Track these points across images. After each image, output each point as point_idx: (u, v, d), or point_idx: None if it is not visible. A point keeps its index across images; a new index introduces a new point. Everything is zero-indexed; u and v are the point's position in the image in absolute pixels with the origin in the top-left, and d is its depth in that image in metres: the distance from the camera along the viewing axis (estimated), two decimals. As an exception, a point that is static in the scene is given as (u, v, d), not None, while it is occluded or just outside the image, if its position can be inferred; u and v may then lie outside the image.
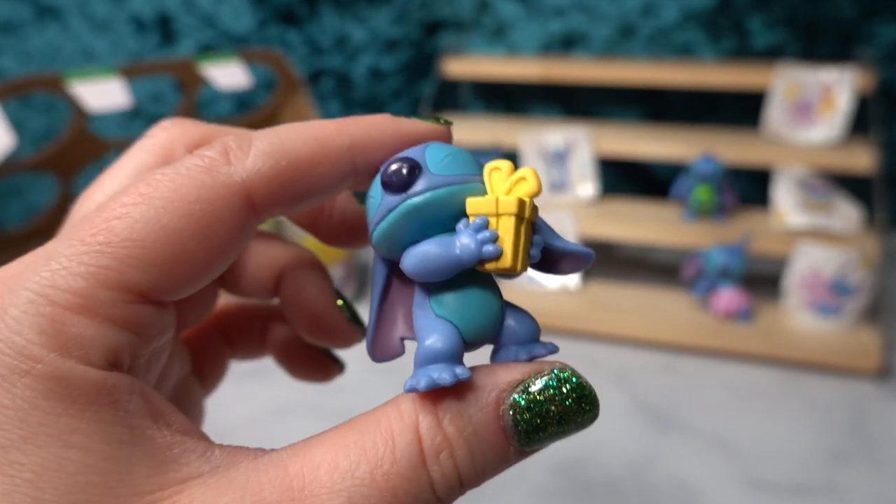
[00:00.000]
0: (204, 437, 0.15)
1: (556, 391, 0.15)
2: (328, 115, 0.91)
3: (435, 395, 0.15)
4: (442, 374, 0.14)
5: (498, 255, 0.15)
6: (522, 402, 0.15)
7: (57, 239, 0.15)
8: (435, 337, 0.15)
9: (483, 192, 0.16)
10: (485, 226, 0.15)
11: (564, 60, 0.83)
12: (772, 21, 0.80)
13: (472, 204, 0.15)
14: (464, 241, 0.15)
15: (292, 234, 0.78)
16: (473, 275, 0.16)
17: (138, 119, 0.91)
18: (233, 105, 0.90)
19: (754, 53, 0.81)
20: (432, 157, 0.16)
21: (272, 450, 0.15)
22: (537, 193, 0.15)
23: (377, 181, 0.16)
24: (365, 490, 0.14)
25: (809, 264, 0.61)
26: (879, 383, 0.58)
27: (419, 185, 0.15)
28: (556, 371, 0.15)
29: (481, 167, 0.16)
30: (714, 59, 0.82)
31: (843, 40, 0.79)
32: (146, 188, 0.15)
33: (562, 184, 0.75)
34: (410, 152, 0.16)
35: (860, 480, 0.48)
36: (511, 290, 0.69)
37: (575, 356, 0.65)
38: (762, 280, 0.69)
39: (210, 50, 0.88)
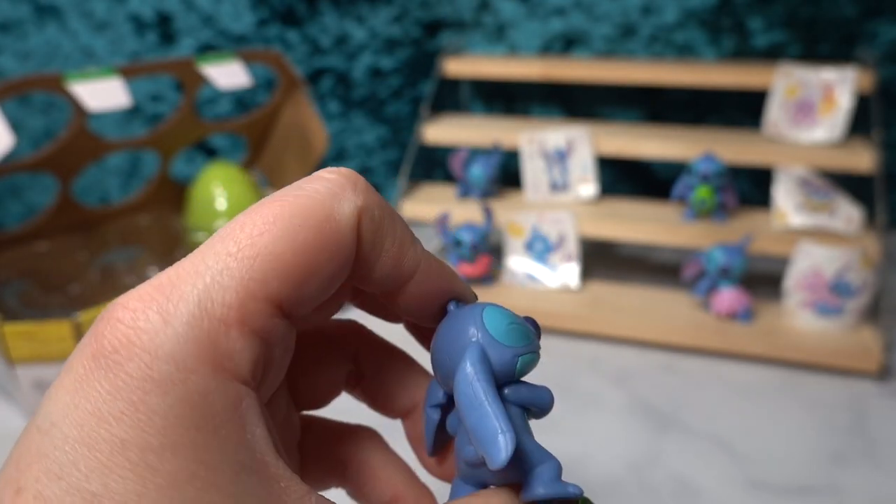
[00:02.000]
0: (300, 481, 0.16)
1: None
2: (328, 114, 0.91)
3: None
4: (577, 488, 0.18)
5: None
6: None
7: (199, 252, 0.15)
8: (557, 459, 0.18)
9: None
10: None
11: (564, 60, 0.83)
12: (772, 21, 0.80)
13: None
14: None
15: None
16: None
17: (138, 119, 0.90)
18: (232, 105, 0.90)
19: (755, 53, 0.81)
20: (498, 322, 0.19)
21: None
22: None
23: (505, 317, 0.18)
24: None
25: (810, 264, 0.61)
26: (880, 383, 0.58)
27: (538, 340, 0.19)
28: (585, 501, 0.19)
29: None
30: (714, 58, 0.82)
31: (843, 40, 0.79)
32: (280, 208, 0.16)
33: (562, 184, 0.74)
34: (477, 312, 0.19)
35: (861, 480, 0.47)
36: (511, 289, 0.69)
37: (575, 356, 0.65)
38: (762, 280, 0.69)
39: (210, 49, 0.88)
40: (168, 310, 0.14)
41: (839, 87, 0.68)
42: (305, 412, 0.22)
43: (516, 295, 0.68)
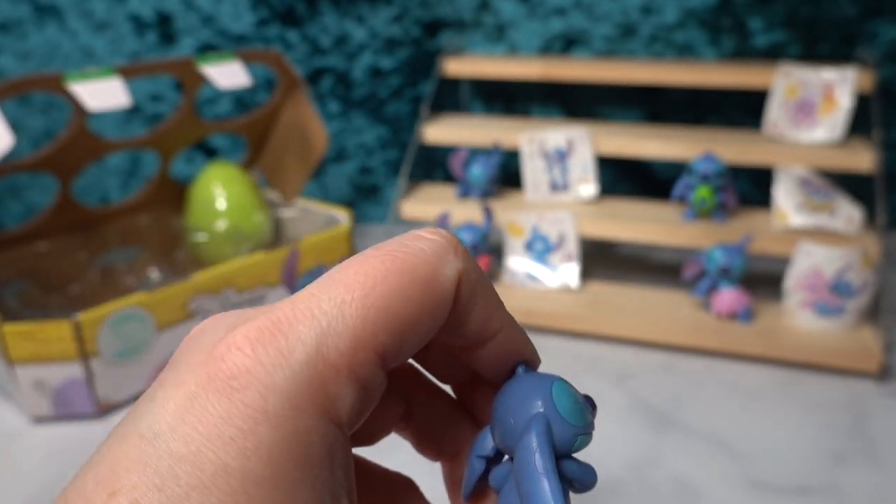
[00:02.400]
0: None
1: None
2: (328, 114, 0.91)
3: None
4: None
5: None
6: None
7: (314, 294, 0.16)
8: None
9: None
10: None
11: (564, 60, 0.83)
12: (772, 21, 0.80)
13: None
14: None
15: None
16: None
17: (138, 119, 0.90)
18: (232, 104, 0.90)
19: (755, 53, 0.81)
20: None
21: None
22: None
23: (570, 393, 0.19)
24: None
25: (810, 264, 0.61)
26: (880, 383, 0.58)
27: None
28: None
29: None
30: (715, 58, 0.82)
31: (843, 40, 0.79)
32: (392, 263, 0.17)
33: (562, 184, 0.74)
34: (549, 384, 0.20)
35: (861, 481, 0.47)
36: (511, 289, 0.69)
37: (575, 356, 0.65)
38: (763, 280, 0.69)
39: (210, 49, 0.88)
40: (288, 348, 0.15)
41: (839, 87, 0.68)
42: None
43: (516, 295, 0.68)
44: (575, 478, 0.19)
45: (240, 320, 0.16)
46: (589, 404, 0.20)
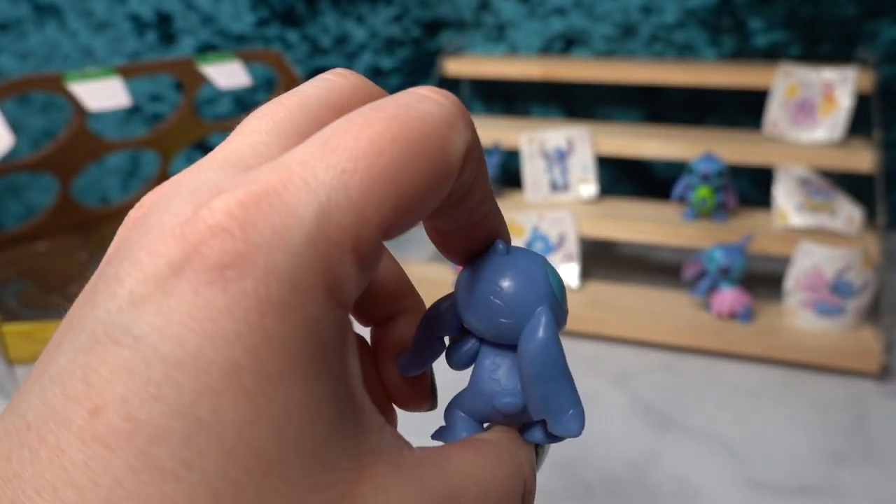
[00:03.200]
0: (377, 411, 0.15)
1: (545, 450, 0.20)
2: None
3: (527, 447, 0.18)
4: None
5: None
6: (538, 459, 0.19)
7: (304, 160, 0.14)
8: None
9: None
10: None
11: (564, 60, 0.83)
12: (772, 21, 0.80)
13: None
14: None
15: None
16: None
17: (138, 119, 0.90)
18: (232, 105, 0.90)
19: (755, 53, 0.81)
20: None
21: (416, 447, 0.15)
22: None
23: (562, 280, 0.18)
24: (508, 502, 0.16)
25: (810, 264, 0.61)
26: (880, 383, 0.58)
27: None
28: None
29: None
30: (715, 58, 0.82)
31: (843, 40, 0.79)
32: (399, 130, 0.14)
33: (562, 184, 0.74)
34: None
35: (861, 481, 0.47)
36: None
37: (575, 356, 0.65)
38: (763, 280, 0.69)
39: (209, 49, 0.88)
40: (285, 226, 0.13)
41: (839, 87, 0.68)
42: None
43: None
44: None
45: (208, 193, 0.13)
46: None
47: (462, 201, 0.17)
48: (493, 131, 0.77)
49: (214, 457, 0.12)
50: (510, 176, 0.82)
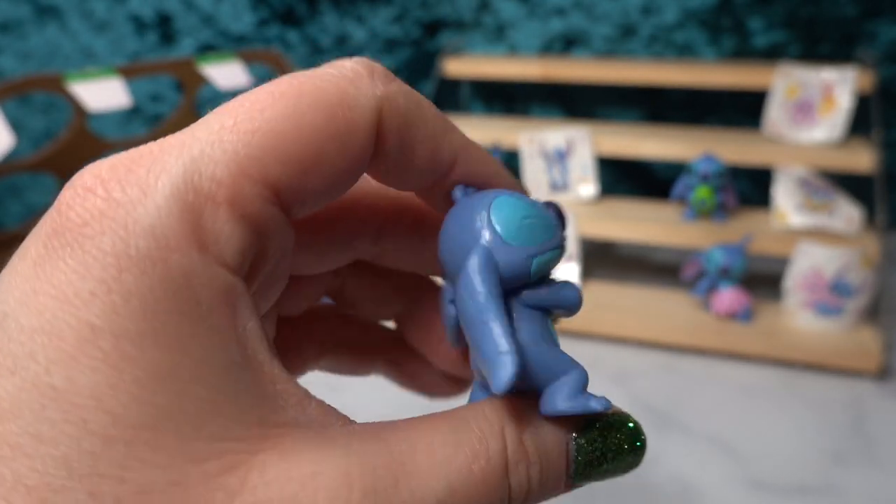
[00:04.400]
0: (298, 384, 0.14)
1: (617, 433, 0.16)
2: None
3: (518, 412, 0.15)
4: (603, 402, 0.16)
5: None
6: (586, 439, 0.16)
7: (190, 127, 0.13)
8: (583, 368, 0.17)
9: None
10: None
11: (564, 60, 0.83)
12: (772, 21, 0.80)
13: None
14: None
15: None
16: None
17: (138, 119, 0.90)
18: (233, 105, 0.90)
19: (755, 53, 0.81)
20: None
21: (358, 423, 0.14)
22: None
23: (528, 210, 0.16)
24: (462, 478, 0.13)
25: (810, 264, 0.61)
26: (880, 383, 0.58)
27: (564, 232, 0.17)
28: (618, 416, 0.17)
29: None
30: (714, 58, 0.82)
31: (843, 40, 0.79)
32: (288, 87, 0.14)
33: (562, 184, 0.74)
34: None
35: (860, 480, 0.47)
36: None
37: (575, 356, 0.65)
38: (762, 280, 0.69)
39: (210, 50, 0.88)
40: (148, 181, 0.12)
41: (839, 87, 0.68)
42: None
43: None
44: (548, 304, 0.17)
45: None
46: (553, 212, 0.17)
47: (409, 158, 0.15)
48: (493, 131, 0.77)
49: (68, 427, 0.11)
50: (510, 176, 0.82)
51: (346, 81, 0.14)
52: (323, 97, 0.14)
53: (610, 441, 0.16)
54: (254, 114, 0.13)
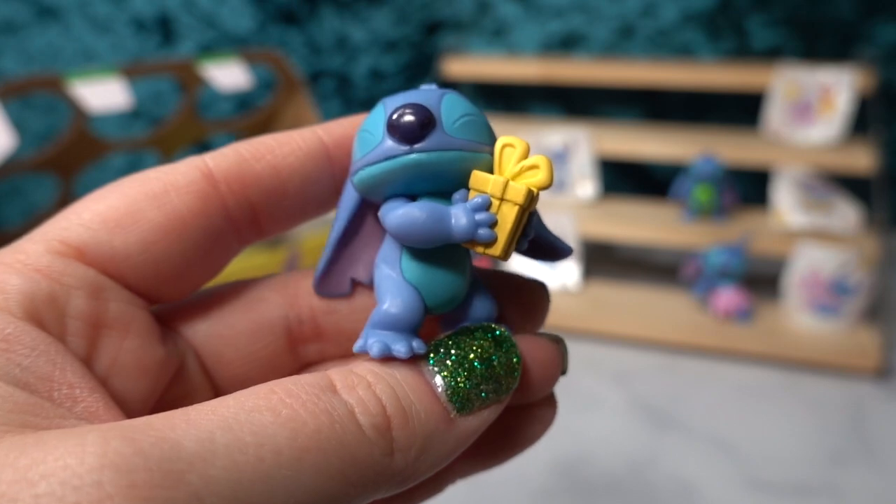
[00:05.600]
0: (91, 393, 0.13)
1: (472, 338, 0.15)
2: (328, 115, 0.91)
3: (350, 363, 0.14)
4: (398, 346, 0.14)
5: (491, 242, 0.14)
6: (437, 358, 0.14)
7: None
8: (399, 302, 0.15)
9: (490, 165, 0.15)
10: (485, 206, 0.14)
11: (564, 60, 0.83)
12: (772, 21, 0.80)
13: (478, 179, 0.15)
14: (460, 219, 0.14)
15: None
16: (453, 246, 0.15)
17: (139, 119, 0.91)
18: (233, 105, 0.91)
19: (754, 53, 0.81)
20: (449, 113, 0.15)
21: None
22: (548, 186, 0.14)
23: (379, 117, 0.15)
24: (270, 426, 0.12)
25: (809, 264, 0.61)
26: (879, 383, 0.58)
27: (429, 141, 0.14)
28: (469, 325, 0.15)
29: (493, 136, 0.16)
30: (714, 59, 0.82)
31: (843, 40, 0.79)
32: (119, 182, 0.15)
33: (562, 184, 0.75)
34: (425, 98, 0.15)
35: (860, 480, 0.48)
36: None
37: (575, 356, 0.65)
38: (762, 280, 0.69)
39: (210, 50, 0.88)
40: None
41: (838, 87, 0.68)
42: None
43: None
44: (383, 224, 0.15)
45: None
46: (396, 117, 0.14)
47: (278, 203, 0.16)
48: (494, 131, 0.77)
49: None
50: (510, 176, 0.82)
51: (170, 168, 0.16)
52: (143, 175, 0.16)
53: (467, 347, 0.15)
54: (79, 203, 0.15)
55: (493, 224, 0.14)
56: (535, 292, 0.18)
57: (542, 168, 0.14)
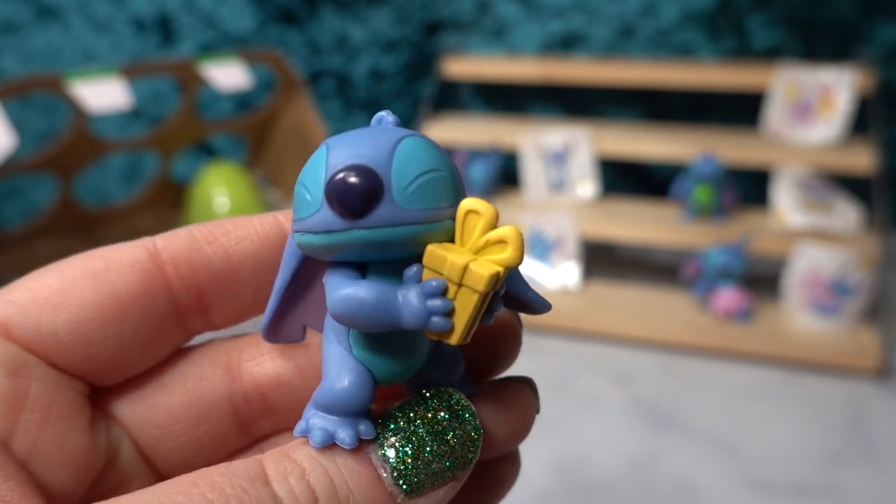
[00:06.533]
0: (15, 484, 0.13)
1: (425, 408, 0.13)
2: (328, 115, 0.91)
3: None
4: (342, 433, 0.13)
5: (446, 331, 0.12)
6: (386, 435, 0.13)
7: None
8: (345, 381, 0.13)
9: (451, 232, 0.13)
10: (441, 291, 0.12)
11: (564, 60, 0.83)
12: (772, 21, 0.80)
13: (434, 258, 0.12)
14: (411, 305, 0.12)
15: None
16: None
17: (139, 119, 0.91)
18: (233, 105, 0.91)
19: (754, 53, 0.81)
20: (401, 173, 0.12)
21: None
22: (516, 265, 0.12)
23: (319, 169, 0.12)
24: None
25: (809, 264, 0.61)
26: (879, 383, 0.58)
27: (374, 215, 0.12)
28: (417, 396, 0.14)
29: (459, 192, 0.13)
30: (714, 59, 0.82)
31: (843, 40, 0.79)
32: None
33: (562, 184, 0.75)
34: (375, 151, 0.12)
35: (860, 480, 0.48)
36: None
37: (575, 356, 0.65)
38: (762, 280, 0.69)
39: (210, 50, 0.88)
40: None
41: (838, 87, 0.68)
42: None
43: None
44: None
45: None
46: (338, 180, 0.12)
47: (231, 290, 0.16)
48: (493, 131, 0.77)
49: None
50: (510, 176, 0.82)
51: (117, 247, 0.15)
52: (88, 254, 0.15)
53: (419, 419, 0.13)
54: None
55: (448, 312, 0.12)
56: (506, 330, 0.16)
57: (511, 243, 0.12)
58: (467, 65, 0.82)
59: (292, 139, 0.79)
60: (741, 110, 0.82)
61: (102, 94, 0.60)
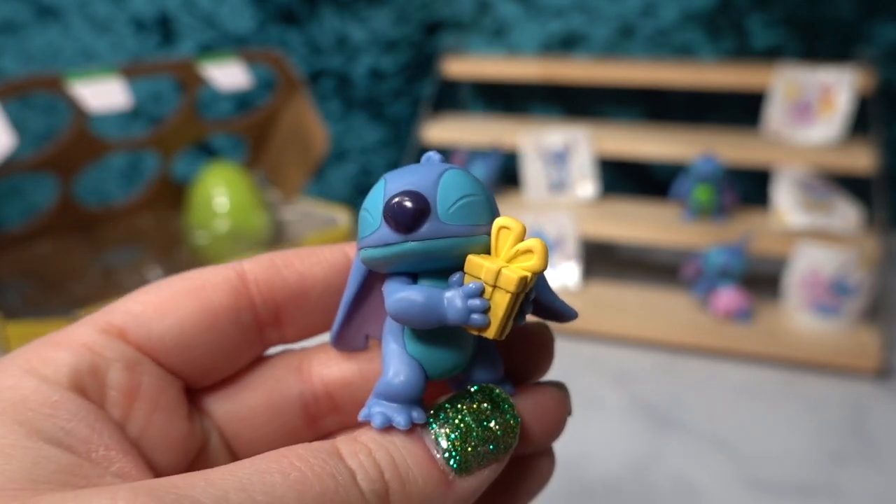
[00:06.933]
0: (122, 455, 0.15)
1: (470, 400, 0.16)
2: (328, 115, 0.91)
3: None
4: (398, 418, 0.15)
5: (484, 327, 0.15)
6: (438, 421, 0.16)
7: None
8: (401, 375, 0.16)
9: (487, 246, 0.15)
10: (479, 293, 0.15)
11: (564, 60, 0.83)
12: (772, 21, 0.80)
13: (472, 265, 0.15)
14: (454, 305, 0.15)
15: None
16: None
17: (139, 119, 0.91)
18: (233, 105, 0.91)
19: (754, 53, 0.81)
20: (445, 197, 0.15)
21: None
22: (542, 271, 0.15)
23: (378, 198, 0.15)
24: (271, 486, 0.13)
25: (809, 264, 0.61)
26: (879, 383, 0.58)
27: (423, 230, 0.15)
28: (464, 390, 0.16)
29: (493, 213, 0.16)
30: (714, 59, 0.82)
31: (843, 40, 0.79)
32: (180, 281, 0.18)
33: (562, 184, 0.75)
34: (423, 181, 0.15)
35: (860, 480, 0.48)
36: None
37: (575, 356, 0.65)
38: (762, 280, 0.69)
39: (210, 50, 0.88)
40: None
41: (838, 87, 0.68)
42: None
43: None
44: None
45: None
46: (397, 206, 0.15)
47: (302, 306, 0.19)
48: (493, 131, 0.77)
49: None
50: (510, 176, 0.82)
51: (210, 269, 0.18)
52: (187, 274, 0.18)
53: (465, 410, 0.16)
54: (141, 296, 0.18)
55: (486, 310, 0.15)
56: (540, 339, 0.19)
57: (536, 253, 0.15)
58: (467, 65, 0.82)
59: (292, 139, 0.79)
60: (741, 110, 0.82)
61: (102, 93, 0.60)
